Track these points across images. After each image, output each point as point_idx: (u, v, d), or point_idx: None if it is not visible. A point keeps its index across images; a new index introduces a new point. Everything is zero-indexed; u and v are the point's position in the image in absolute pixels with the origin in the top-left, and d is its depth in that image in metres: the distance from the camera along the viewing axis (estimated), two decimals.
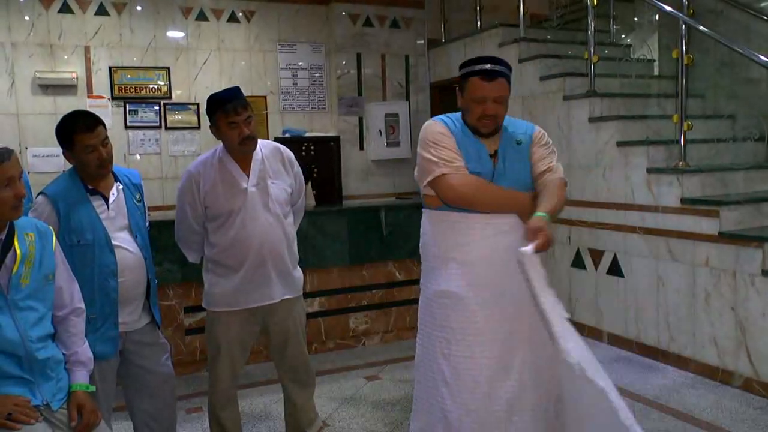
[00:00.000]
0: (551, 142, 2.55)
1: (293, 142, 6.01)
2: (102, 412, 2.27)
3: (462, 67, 2.46)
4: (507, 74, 2.43)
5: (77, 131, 2.39)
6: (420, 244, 2.60)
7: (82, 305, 2.26)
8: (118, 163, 2.60)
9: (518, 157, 2.47)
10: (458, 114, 2.52)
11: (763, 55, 3.96)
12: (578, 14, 5.86)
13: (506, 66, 2.44)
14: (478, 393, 2.35)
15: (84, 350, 2.23)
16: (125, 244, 2.50)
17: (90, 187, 2.47)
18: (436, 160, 2.37)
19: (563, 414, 2.33)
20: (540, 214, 2.31)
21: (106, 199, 2.49)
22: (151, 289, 2.61)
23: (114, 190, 2.53)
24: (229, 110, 2.68)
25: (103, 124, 2.47)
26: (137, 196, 2.62)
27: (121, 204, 2.53)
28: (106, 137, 2.46)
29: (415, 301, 2.67)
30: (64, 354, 2.16)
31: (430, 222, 2.52)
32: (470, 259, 2.39)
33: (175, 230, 2.94)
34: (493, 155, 2.44)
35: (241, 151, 2.77)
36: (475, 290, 2.38)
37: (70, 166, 2.51)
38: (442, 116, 2.54)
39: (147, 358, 2.61)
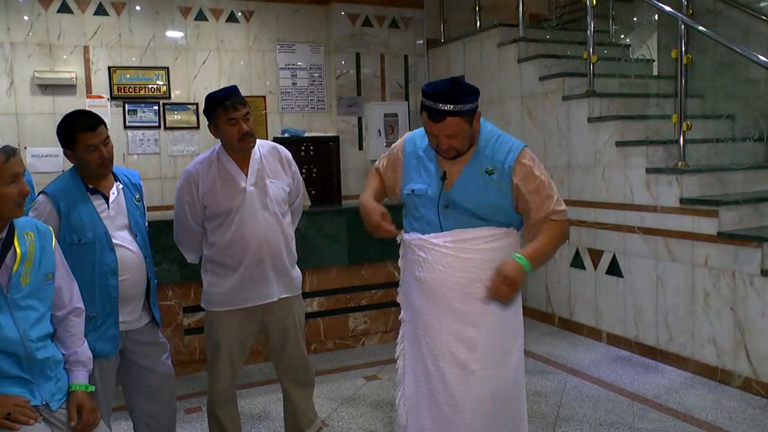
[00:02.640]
0: (539, 172, 2.25)
1: (292, 142, 6.01)
2: (101, 411, 2.28)
3: (424, 90, 2.20)
4: (460, 111, 2.13)
5: (79, 130, 2.40)
6: None
7: (82, 305, 2.26)
8: (116, 163, 2.61)
9: (483, 185, 2.27)
10: None
11: (762, 55, 3.96)
12: (577, 14, 5.85)
13: (464, 98, 2.13)
14: None
15: (83, 350, 2.23)
16: (125, 243, 2.50)
17: (90, 186, 2.49)
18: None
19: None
20: (519, 257, 2.13)
21: (107, 199, 2.50)
22: (150, 289, 2.61)
23: (114, 189, 2.54)
24: (228, 107, 2.69)
25: (105, 124, 2.48)
26: (137, 196, 2.63)
27: (121, 203, 2.54)
28: (108, 137, 2.48)
29: None
30: (63, 354, 2.16)
31: None
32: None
33: (174, 230, 2.94)
34: (444, 176, 2.31)
35: (240, 149, 2.77)
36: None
37: (70, 165, 2.53)
38: (420, 129, 2.41)
39: (147, 358, 2.62)
